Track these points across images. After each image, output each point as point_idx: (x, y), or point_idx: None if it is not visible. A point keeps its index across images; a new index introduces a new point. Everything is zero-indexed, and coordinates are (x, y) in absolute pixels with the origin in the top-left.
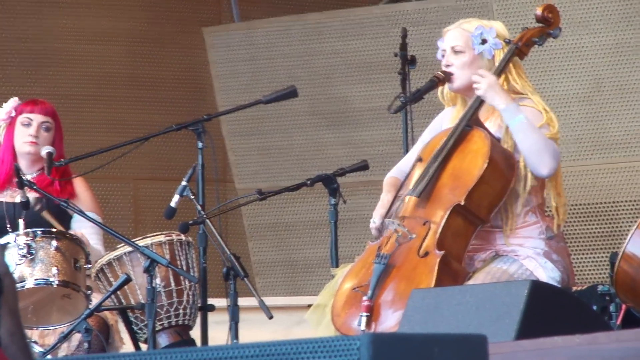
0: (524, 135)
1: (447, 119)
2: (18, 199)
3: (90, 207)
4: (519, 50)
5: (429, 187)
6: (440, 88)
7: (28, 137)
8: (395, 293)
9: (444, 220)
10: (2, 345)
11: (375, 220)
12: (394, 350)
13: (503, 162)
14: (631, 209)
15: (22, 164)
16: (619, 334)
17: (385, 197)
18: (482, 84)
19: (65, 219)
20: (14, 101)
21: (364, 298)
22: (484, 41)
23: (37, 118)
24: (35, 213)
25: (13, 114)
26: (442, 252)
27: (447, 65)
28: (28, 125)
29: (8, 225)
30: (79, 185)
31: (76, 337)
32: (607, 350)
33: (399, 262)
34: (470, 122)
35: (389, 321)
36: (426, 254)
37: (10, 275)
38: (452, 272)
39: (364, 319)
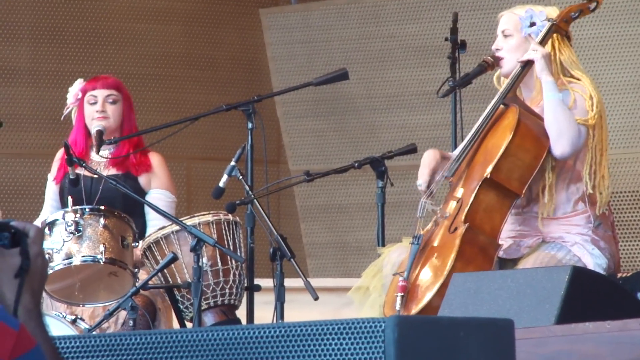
0: (553, 111)
1: None
2: (95, 174)
3: (165, 184)
4: (556, 26)
5: (463, 166)
6: (496, 75)
7: (96, 114)
8: (427, 271)
9: (473, 195)
10: (22, 321)
11: (421, 185)
12: (419, 333)
13: (533, 135)
14: None
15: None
16: None
17: (425, 156)
18: (538, 51)
19: (142, 196)
20: (79, 83)
21: (400, 279)
22: (532, 24)
23: (100, 93)
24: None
25: (80, 95)
26: (466, 225)
27: (497, 49)
28: (94, 103)
29: (84, 199)
30: (155, 160)
31: (123, 315)
32: (638, 337)
33: (433, 241)
34: (507, 100)
35: (423, 300)
36: (455, 229)
37: (43, 257)
38: (479, 244)
39: (399, 299)
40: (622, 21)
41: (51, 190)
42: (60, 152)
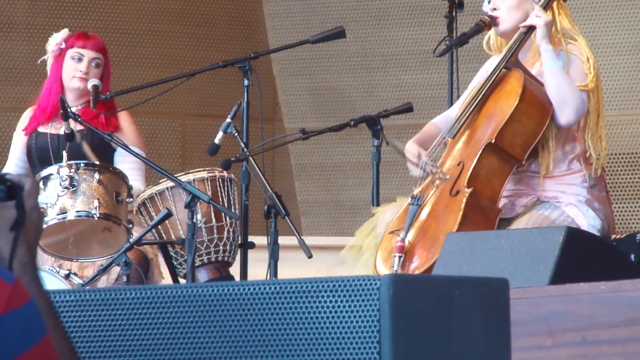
0: (555, 80)
1: (492, 67)
2: (62, 131)
3: (134, 141)
4: None
5: (464, 129)
6: (486, 37)
7: (78, 73)
8: (426, 233)
9: (475, 159)
10: (17, 275)
11: (411, 157)
12: (415, 292)
13: (537, 101)
14: None
15: (68, 97)
16: None
17: (420, 134)
18: (541, 18)
19: (108, 153)
20: (64, 32)
21: (398, 239)
22: None
23: (88, 54)
24: (80, 145)
25: (63, 45)
26: (470, 189)
27: (494, 9)
28: (79, 60)
29: (52, 157)
30: (124, 119)
31: (115, 270)
32: (633, 298)
33: (433, 202)
34: (509, 64)
35: (420, 259)
36: (457, 192)
37: (39, 210)
38: (482, 209)
39: (396, 260)
40: None
41: (18, 143)
42: (30, 110)
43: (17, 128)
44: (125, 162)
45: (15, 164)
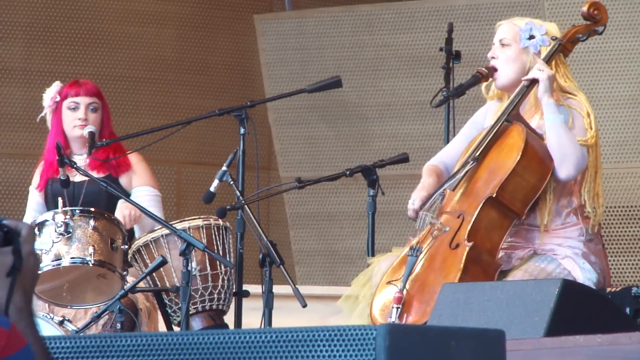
0: (556, 134)
1: (491, 112)
2: (78, 178)
3: (146, 180)
4: (562, 46)
5: (465, 181)
6: (485, 83)
7: (77, 122)
8: (424, 285)
9: (476, 213)
10: (13, 321)
11: (415, 202)
12: (411, 342)
13: (538, 157)
14: None
15: (74, 146)
16: None
17: (427, 180)
18: (544, 72)
19: (125, 193)
20: (56, 85)
21: (396, 290)
22: (531, 37)
23: (83, 100)
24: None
25: (57, 98)
26: (470, 243)
27: (492, 58)
28: (75, 109)
29: (67, 202)
30: (134, 158)
31: (105, 316)
32: (629, 352)
33: (432, 254)
34: (510, 117)
35: (419, 313)
36: (457, 245)
37: (35, 255)
38: (482, 264)
39: (394, 311)
40: (616, 35)
41: (34, 199)
42: (42, 164)
43: (32, 183)
44: (141, 201)
45: (32, 217)
